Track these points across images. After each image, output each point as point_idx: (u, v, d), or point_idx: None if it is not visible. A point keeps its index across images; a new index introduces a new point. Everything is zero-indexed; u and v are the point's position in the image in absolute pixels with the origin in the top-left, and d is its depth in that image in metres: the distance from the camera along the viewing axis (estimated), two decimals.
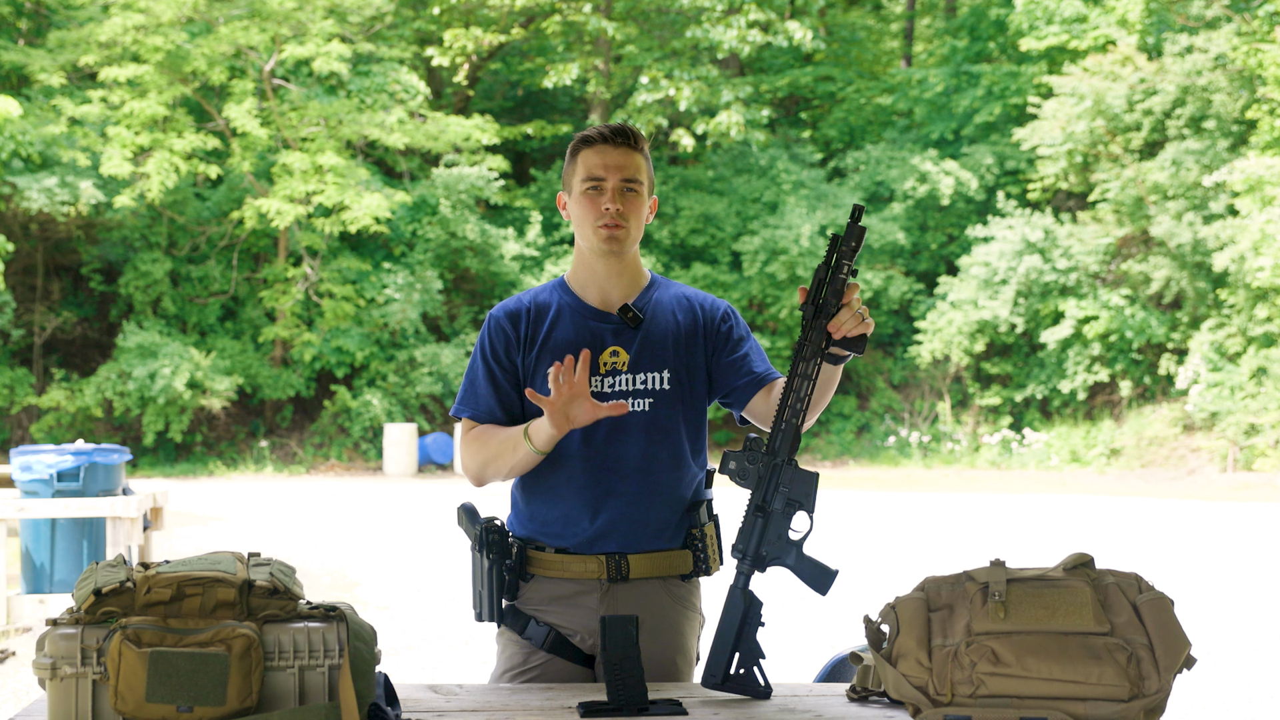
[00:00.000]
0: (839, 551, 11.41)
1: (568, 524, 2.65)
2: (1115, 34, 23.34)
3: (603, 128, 2.67)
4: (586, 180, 2.64)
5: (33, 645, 6.92)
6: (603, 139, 2.65)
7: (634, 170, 2.65)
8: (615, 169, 2.63)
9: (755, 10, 23.82)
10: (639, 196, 2.66)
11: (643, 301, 2.72)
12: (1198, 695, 6.32)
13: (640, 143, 2.67)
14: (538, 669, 2.65)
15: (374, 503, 16.57)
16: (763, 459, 2.41)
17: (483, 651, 7.33)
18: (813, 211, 24.02)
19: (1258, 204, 19.95)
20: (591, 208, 2.64)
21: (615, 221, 2.63)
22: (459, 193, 23.44)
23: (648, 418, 2.66)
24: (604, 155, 2.64)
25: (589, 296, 2.71)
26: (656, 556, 2.66)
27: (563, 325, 2.69)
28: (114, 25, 21.06)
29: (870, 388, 24.93)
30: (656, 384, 2.68)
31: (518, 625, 2.66)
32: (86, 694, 2.00)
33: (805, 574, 2.43)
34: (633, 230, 2.66)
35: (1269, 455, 20.20)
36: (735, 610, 2.40)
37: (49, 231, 21.98)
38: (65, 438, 20.42)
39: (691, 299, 2.77)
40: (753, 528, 2.41)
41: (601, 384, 2.66)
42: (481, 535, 2.66)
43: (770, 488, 2.41)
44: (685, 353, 2.71)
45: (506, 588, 2.66)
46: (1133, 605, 2.10)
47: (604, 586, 2.64)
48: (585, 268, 2.72)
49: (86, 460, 7.40)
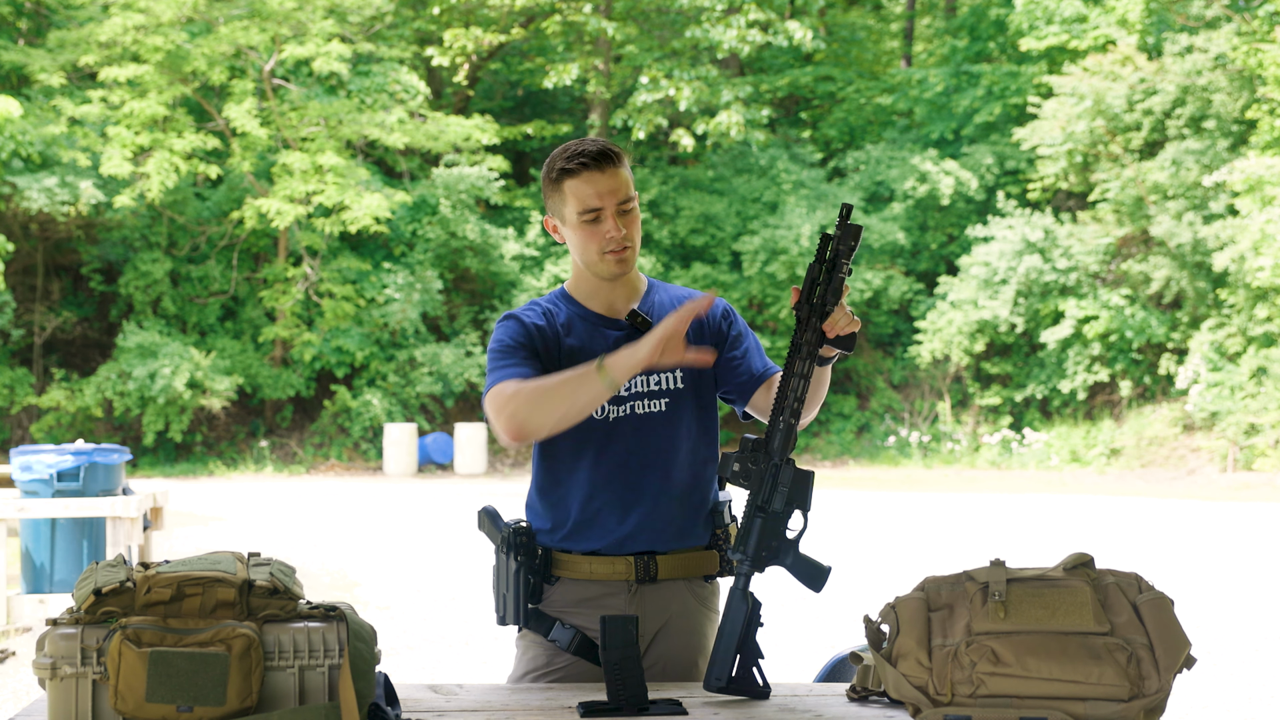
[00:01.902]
0: (839, 551, 11.41)
1: (596, 525, 2.64)
2: (1115, 34, 23.34)
3: (582, 154, 2.57)
4: (583, 213, 2.58)
5: (33, 645, 6.92)
6: (585, 167, 2.57)
7: (625, 189, 2.60)
8: (609, 194, 2.57)
9: (755, 10, 23.82)
10: (633, 213, 2.63)
11: (646, 306, 2.72)
12: (1198, 695, 6.32)
13: (621, 157, 2.62)
14: (561, 671, 2.64)
15: (374, 503, 16.57)
16: (762, 459, 2.42)
17: (483, 651, 7.33)
18: (813, 211, 24.02)
19: (1258, 204, 19.95)
20: (594, 237, 2.60)
21: (623, 245, 2.61)
22: (459, 193, 23.44)
23: (666, 417, 2.66)
24: (594, 183, 2.57)
25: (595, 306, 2.70)
26: (684, 556, 2.66)
27: (575, 334, 2.68)
28: (114, 25, 21.06)
29: (870, 388, 24.93)
30: (671, 383, 2.68)
31: (542, 628, 2.64)
32: (86, 694, 2.00)
33: (800, 572, 2.43)
34: (636, 244, 2.65)
35: (1269, 455, 20.20)
36: (739, 612, 2.40)
37: (49, 231, 21.98)
38: (65, 438, 20.42)
39: (691, 299, 2.77)
40: (751, 528, 2.41)
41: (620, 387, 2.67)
42: (510, 537, 2.64)
43: (770, 488, 2.41)
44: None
45: (531, 591, 2.65)
46: (1133, 605, 2.10)
47: (632, 588, 2.64)
48: (588, 282, 2.70)
49: (86, 460, 7.40)
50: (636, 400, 2.66)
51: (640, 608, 2.63)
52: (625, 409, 2.65)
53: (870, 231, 24.17)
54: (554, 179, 2.61)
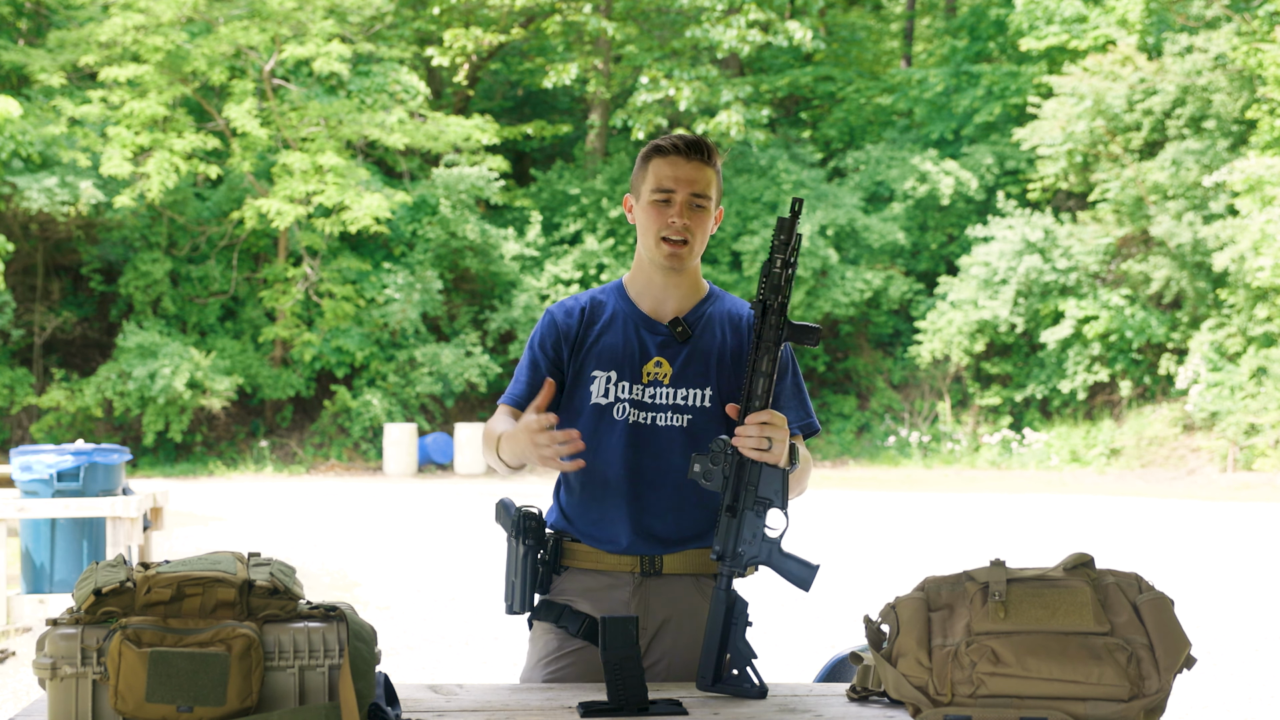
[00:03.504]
0: (839, 551, 11.41)
1: (604, 525, 2.67)
2: (1115, 34, 23.34)
3: (677, 138, 2.66)
4: (656, 191, 2.63)
5: (33, 645, 6.93)
6: (675, 150, 2.63)
7: (704, 185, 2.63)
8: (686, 182, 2.62)
9: (755, 10, 23.82)
10: (705, 212, 2.65)
11: (695, 315, 2.71)
12: (1198, 695, 6.32)
13: (713, 157, 2.66)
14: (572, 655, 2.66)
15: (374, 503, 16.57)
16: (727, 460, 2.41)
17: (483, 651, 7.34)
18: (813, 211, 24.02)
19: (1258, 204, 19.95)
20: (658, 218, 2.64)
21: (680, 235, 2.63)
22: (459, 193, 23.44)
23: (685, 434, 2.66)
24: (675, 167, 2.62)
25: (644, 304, 2.72)
26: (690, 554, 2.67)
27: (613, 330, 2.70)
28: (114, 25, 21.06)
29: (870, 388, 24.94)
30: (697, 400, 2.67)
31: (552, 615, 2.67)
32: (86, 694, 2.00)
33: (786, 571, 2.43)
34: (696, 246, 2.66)
35: (1269, 455, 20.20)
36: (719, 612, 2.41)
37: (49, 231, 21.98)
38: (65, 438, 20.43)
39: (742, 318, 2.75)
40: (728, 529, 2.41)
41: (643, 394, 2.67)
42: (519, 521, 2.66)
43: (738, 487, 2.41)
44: (730, 373, 2.69)
45: (539, 580, 2.66)
46: (1133, 605, 2.10)
47: (636, 580, 2.65)
48: (643, 275, 2.73)
49: (86, 460, 7.40)
50: (659, 412, 2.67)
51: (644, 601, 2.64)
52: (646, 417, 2.66)
53: (870, 231, 24.18)
54: (645, 155, 2.69)
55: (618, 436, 2.65)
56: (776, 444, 2.40)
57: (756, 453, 2.39)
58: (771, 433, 2.39)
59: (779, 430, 2.40)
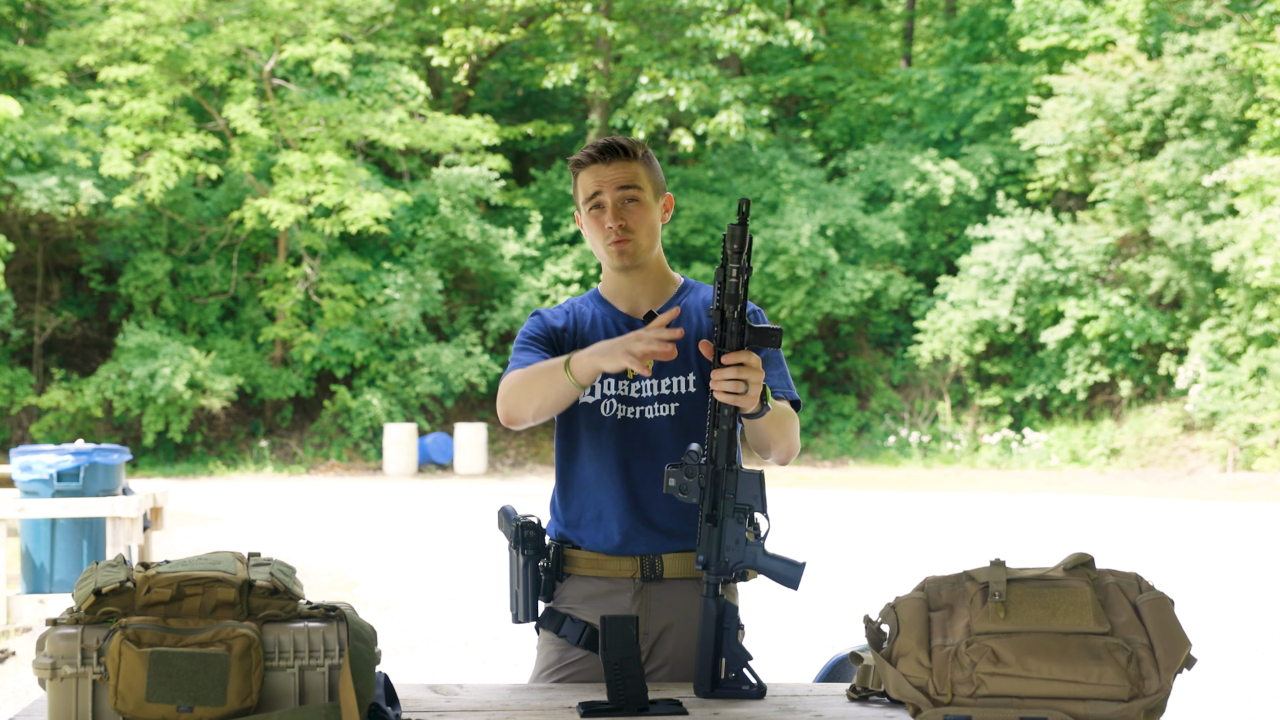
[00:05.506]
0: (839, 551, 11.42)
1: (600, 524, 2.67)
2: (1115, 34, 23.34)
3: (591, 147, 2.69)
4: (587, 201, 2.68)
5: (33, 645, 6.93)
6: (592, 159, 2.68)
7: (630, 179, 2.65)
8: (610, 184, 2.65)
9: (755, 10, 23.82)
10: (641, 204, 2.66)
11: (670, 306, 2.72)
12: (1198, 695, 6.32)
13: (633, 150, 2.67)
14: (575, 665, 2.66)
15: (374, 503, 16.57)
16: (701, 469, 2.40)
17: (483, 651, 7.34)
18: (813, 211, 24.02)
19: (1258, 204, 19.95)
20: (597, 226, 2.68)
21: (620, 236, 2.65)
22: (459, 193, 23.44)
23: (675, 421, 2.66)
24: (597, 174, 2.66)
25: (619, 305, 2.75)
26: (690, 556, 2.65)
27: (595, 333, 2.73)
28: (114, 25, 21.06)
29: (870, 388, 24.93)
30: (681, 387, 2.68)
31: (553, 624, 2.68)
32: (86, 694, 2.00)
33: (772, 572, 2.43)
34: (641, 239, 2.66)
35: (1269, 455, 20.20)
36: (710, 619, 2.41)
37: (49, 231, 21.98)
38: (65, 438, 20.43)
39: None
40: (709, 538, 2.41)
41: (629, 389, 2.68)
42: (517, 531, 2.67)
43: (715, 496, 2.40)
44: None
45: (543, 589, 2.67)
46: (1133, 605, 2.10)
47: (637, 585, 2.65)
48: (611, 280, 2.77)
49: (86, 460, 7.40)
50: (646, 405, 2.67)
51: (645, 605, 2.64)
52: (634, 411, 2.67)
53: (870, 231, 24.18)
54: (572, 173, 2.74)
55: (608, 433, 2.66)
56: (752, 387, 2.34)
57: (730, 397, 2.33)
58: (747, 374, 2.33)
59: (755, 373, 2.34)
